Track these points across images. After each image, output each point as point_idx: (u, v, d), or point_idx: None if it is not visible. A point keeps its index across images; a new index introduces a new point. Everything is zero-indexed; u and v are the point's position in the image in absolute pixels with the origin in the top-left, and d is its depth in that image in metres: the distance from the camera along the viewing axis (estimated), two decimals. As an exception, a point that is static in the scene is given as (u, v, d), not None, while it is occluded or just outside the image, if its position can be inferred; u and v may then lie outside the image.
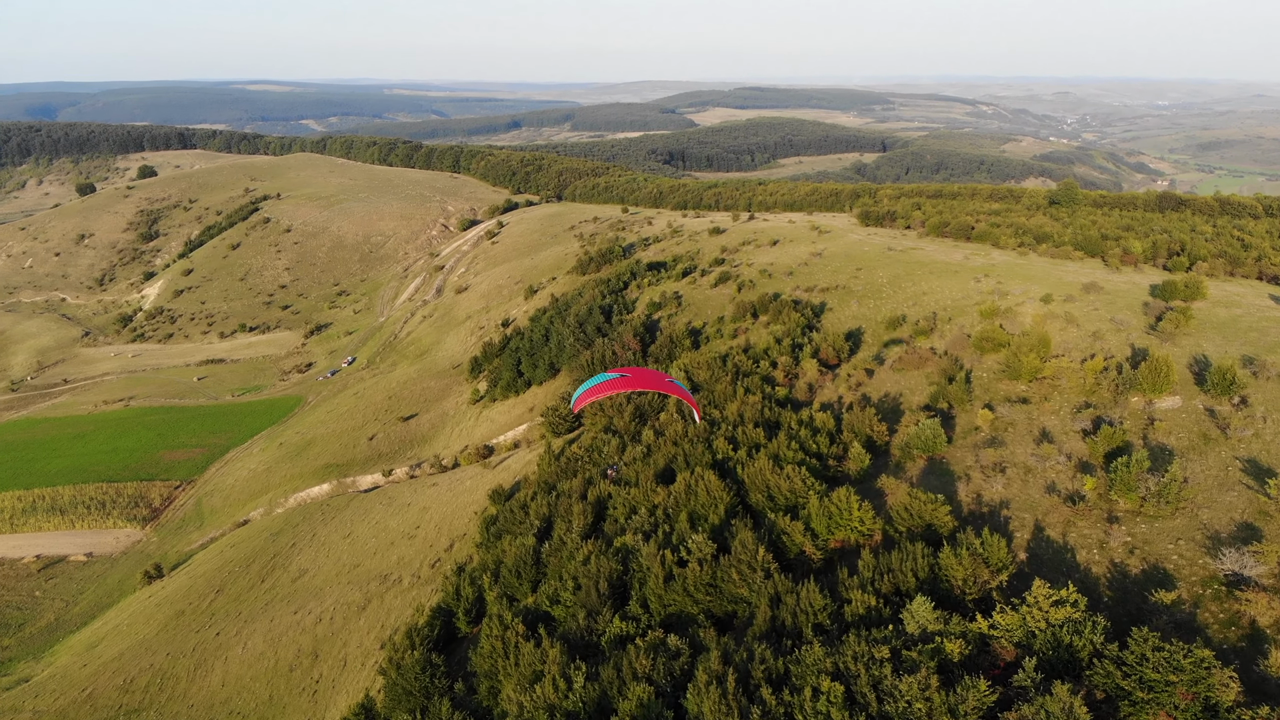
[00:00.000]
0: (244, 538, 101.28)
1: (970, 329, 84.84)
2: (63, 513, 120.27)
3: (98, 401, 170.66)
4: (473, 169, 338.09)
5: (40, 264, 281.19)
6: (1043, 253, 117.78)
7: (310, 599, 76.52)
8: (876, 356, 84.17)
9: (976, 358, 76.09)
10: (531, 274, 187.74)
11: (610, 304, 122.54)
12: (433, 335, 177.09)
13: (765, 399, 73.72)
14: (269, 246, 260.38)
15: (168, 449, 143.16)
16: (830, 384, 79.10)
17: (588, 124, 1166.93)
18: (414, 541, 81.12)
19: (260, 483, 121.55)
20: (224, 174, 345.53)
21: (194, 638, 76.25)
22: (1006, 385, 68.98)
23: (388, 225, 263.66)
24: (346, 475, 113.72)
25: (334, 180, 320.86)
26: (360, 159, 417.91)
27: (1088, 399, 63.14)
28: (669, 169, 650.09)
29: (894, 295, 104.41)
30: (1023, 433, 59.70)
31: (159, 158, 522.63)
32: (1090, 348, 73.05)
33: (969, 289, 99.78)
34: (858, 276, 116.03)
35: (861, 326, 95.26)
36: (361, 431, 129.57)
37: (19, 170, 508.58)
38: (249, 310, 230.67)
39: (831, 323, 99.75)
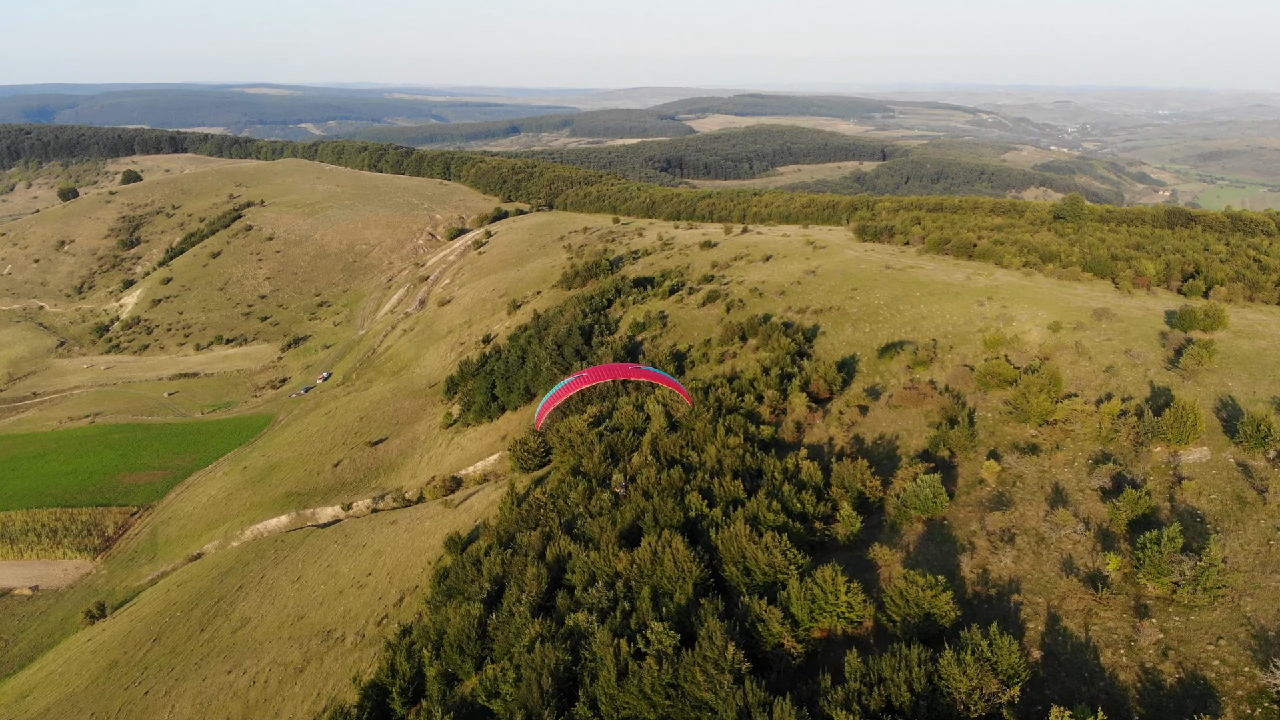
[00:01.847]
0: (193, 575, 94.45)
1: (974, 359, 78.43)
2: (12, 540, 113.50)
3: (63, 418, 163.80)
4: (464, 176, 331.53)
5: (19, 271, 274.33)
6: (1049, 273, 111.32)
7: (248, 655, 69.72)
8: (872, 390, 77.64)
9: (980, 395, 69.59)
10: (517, 287, 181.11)
11: (591, 324, 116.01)
12: (411, 351, 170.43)
13: (748, 441, 67.18)
14: (250, 255, 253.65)
15: (129, 470, 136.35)
16: (820, 422, 72.54)
17: (586, 130, 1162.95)
18: (363, 592, 74.36)
19: (219, 511, 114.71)
20: (208, 180, 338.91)
21: (122, 695, 69.47)
22: (1014, 429, 62.47)
23: (373, 234, 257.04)
24: (307, 506, 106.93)
25: (320, 187, 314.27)
26: (351, 165, 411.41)
27: (1105, 448, 56.63)
28: (666, 176, 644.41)
29: (891, 319, 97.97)
30: (1033, 489, 53.13)
31: (150, 161, 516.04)
32: (1105, 386, 66.59)
33: (972, 313, 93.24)
34: (853, 298, 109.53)
35: (856, 354, 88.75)
36: (328, 456, 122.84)
37: (8, 173, 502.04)
38: (227, 321, 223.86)
39: (825, 349, 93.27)
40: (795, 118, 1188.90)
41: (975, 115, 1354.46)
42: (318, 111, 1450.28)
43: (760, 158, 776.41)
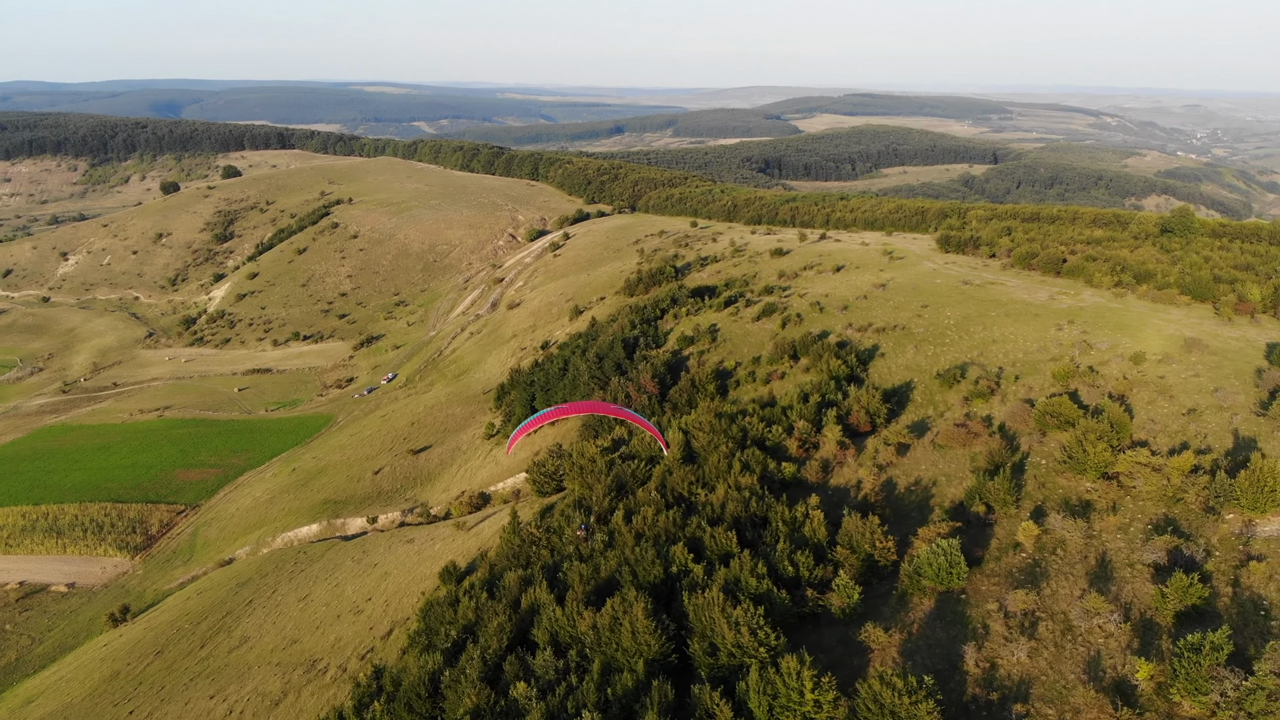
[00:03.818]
0: (213, 584, 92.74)
1: (1039, 393, 69.77)
2: (59, 534, 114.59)
3: (134, 410, 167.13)
4: (550, 177, 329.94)
5: (118, 261, 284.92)
6: (1142, 295, 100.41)
7: (233, 680, 66.56)
8: (919, 424, 69.82)
9: (1037, 437, 61.25)
10: (584, 292, 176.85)
11: (637, 336, 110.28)
12: (475, 354, 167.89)
13: (763, 479, 60.49)
14: (334, 252, 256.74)
15: (185, 467, 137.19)
16: (852, 460, 65.12)
17: (690, 130, 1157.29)
18: (358, 619, 70.45)
19: (258, 515, 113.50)
20: (302, 176, 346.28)
21: (110, 713, 67.30)
22: (1067, 481, 54.20)
23: (455, 234, 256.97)
24: (339, 515, 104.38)
25: (409, 186, 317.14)
26: (446, 164, 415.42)
27: (1168, 511, 48.13)
28: (763, 177, 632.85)
29: (958, 342, 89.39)
30: (1074, 560, 45.10)
31: (257, 156, 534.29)
32: (1182, 432, 57.56)
33: (1047, 338, 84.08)
34: (921, 316, 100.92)
35: (912, 380, 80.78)
36: (371, 463, 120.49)
37: (124, 165, 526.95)
38: (306, 318, 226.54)
39: (880, 372, 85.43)
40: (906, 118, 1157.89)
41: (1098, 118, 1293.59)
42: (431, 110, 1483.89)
43: (864, 159, 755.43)
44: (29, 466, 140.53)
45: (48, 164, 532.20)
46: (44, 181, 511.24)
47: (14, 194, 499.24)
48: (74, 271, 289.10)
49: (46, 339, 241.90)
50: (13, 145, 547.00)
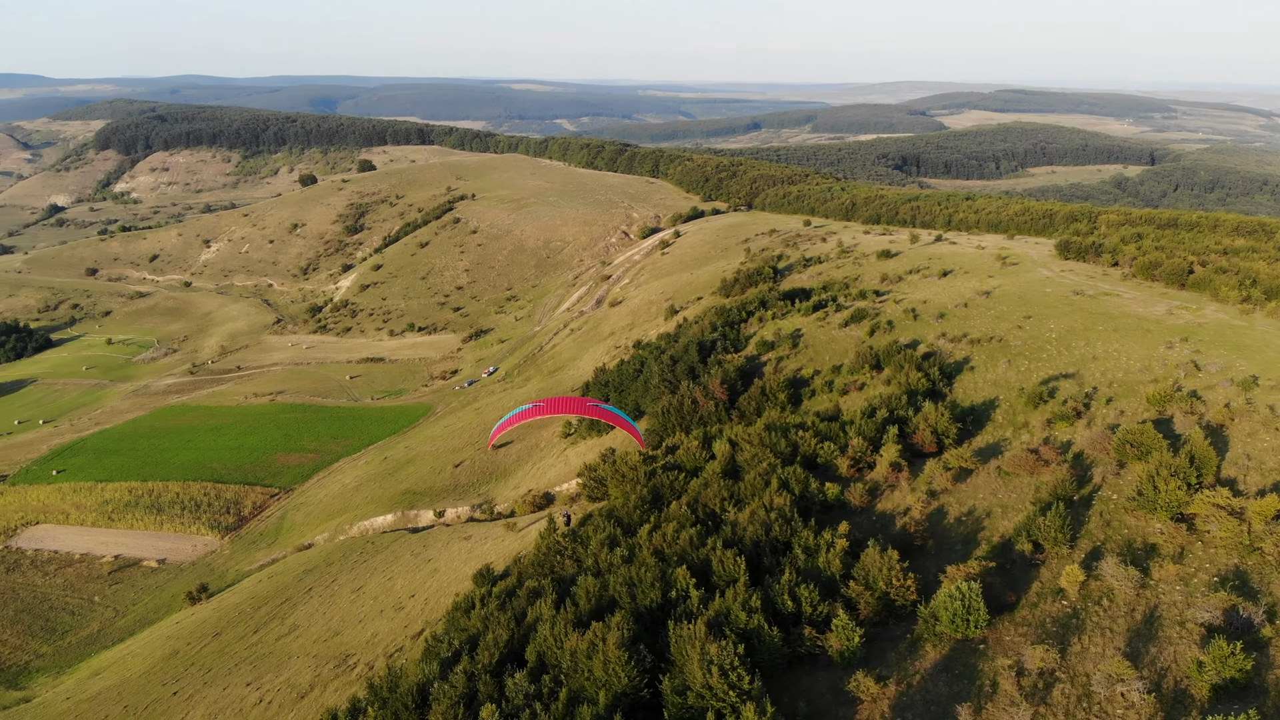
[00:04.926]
0: (285, 569, 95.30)
1: (1129, 418, 63.19)
2: (159, 511, 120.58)
3: (249, 393, 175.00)
4: (670, 174, 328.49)
5: (255, 250, 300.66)
6: (1271, 312, 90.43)
7: (272, 669, 67.62)
8: (991, 447, 64.43)
9: (1113, 468, 55.19)
10: (684, 291, 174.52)
11: (715, 340, 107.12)
12: (572, 351, 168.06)
13: (801, 501, 56.75)
14: (454, 247, 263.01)
15: (286, 451, 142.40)
16: (905, 484, 60.41)
17: (830, 126, 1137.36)
18: (399, 615, 70.50)
19: (342, 502, 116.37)
20: (432, 172, 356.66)
21: (157, 691, 69.51)
22: (1136, 521, 48.38)
23: (569, 230, 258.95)
24: (414, 507, 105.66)
25: (531, 182, 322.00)
26: (573, 161, 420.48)
27: (1241, 561, 42.08)
28: (898, 175, 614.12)
29: (1056, 358, 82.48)
30: (1119, 613, 39.83)
31: (398, 151, 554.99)
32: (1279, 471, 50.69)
33: (1153, 358, 76.42)
34: (1022, 327, 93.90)
35: (997, 398, 74.84)
36: (455, 455, 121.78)
37: (274, 158, 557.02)
38: (423, 310, 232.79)
39: (964, 388, 79.67)
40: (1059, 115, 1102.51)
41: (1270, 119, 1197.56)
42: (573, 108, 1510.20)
43: (1009, 157, 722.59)
44: (145, 444, 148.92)
45: (204, 155, 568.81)
46: (199, 171, 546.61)
47: (171, 183, 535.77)
48: (215, 258, 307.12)
49: (184, 322, 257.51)
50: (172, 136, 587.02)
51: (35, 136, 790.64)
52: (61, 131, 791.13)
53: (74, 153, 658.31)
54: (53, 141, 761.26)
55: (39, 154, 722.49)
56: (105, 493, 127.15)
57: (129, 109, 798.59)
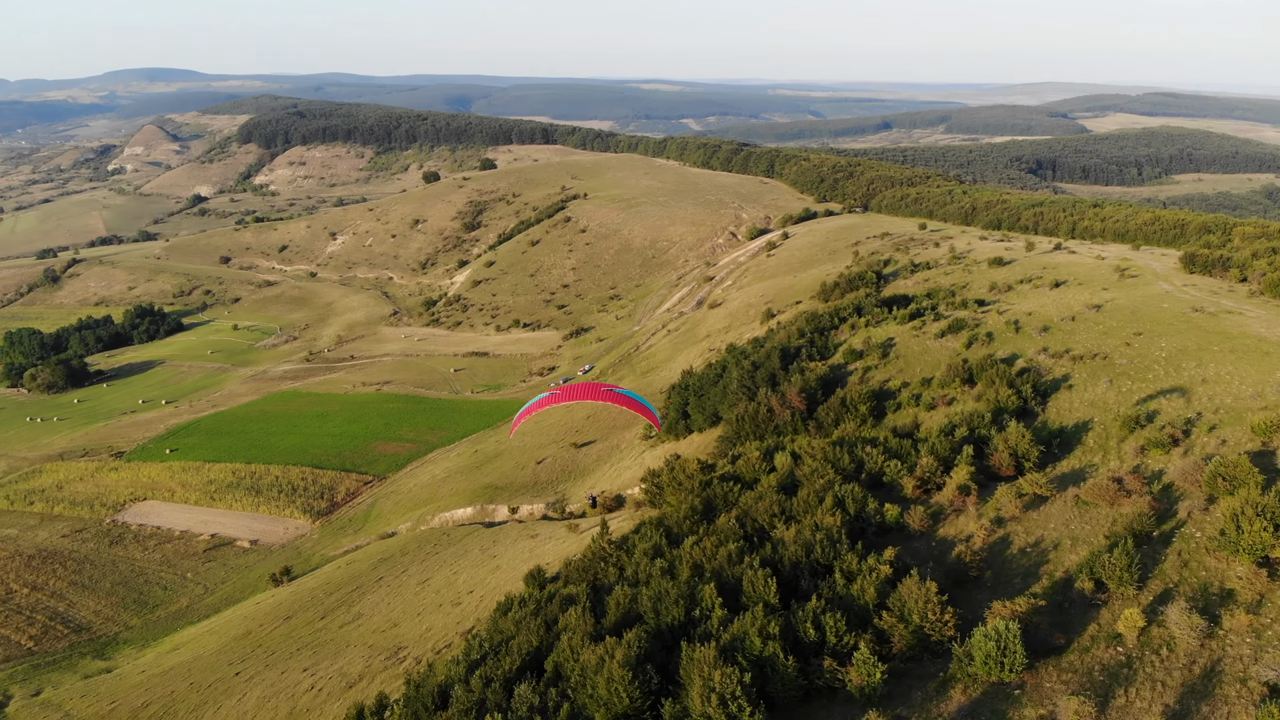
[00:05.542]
0: (364, 556, 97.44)
1: (1230, 449, 57.61)
2: (258, 493, 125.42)
3: (358, 382, 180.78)
4: (785, 174, 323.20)
5: (378, 244, 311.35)
6: None
7: (329, 656, 68.93)
8: (1075, 473, 59.89)
9: (1201, 503, 50.22)
10: (785, 295, 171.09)
11: (800, 347, 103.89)
12: (667, 352, 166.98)
13: (851, 522, 53.80)
14: (563, 245, 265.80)
15: (385, 440, 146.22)
16: (972, 509, 56.61)
17: (964, 126, 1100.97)
18: (455, 611, 70.86)
19: (429, 493, 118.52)
20: (549, 171, 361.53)
21: (222, 671, 71.83)
22: (1216, 563, 43.69)
23: (676, 231, 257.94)
24: (493, 501, 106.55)
25: (643, 182, 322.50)
26: (689, 160, 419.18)
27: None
28: (1032, 179, 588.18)
29: (1163, 379, 76.35)
30: (1173, 667, 35.85)
31: (522, 151, 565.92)
32: (1394, 520, 44.91)
33: (1269, 383, 69.70)
34: (1130, 345, 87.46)
35: (1091, 419, 69.67)
36: (539, 452, 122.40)
37: (404, 155, 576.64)
38: (529, 307, 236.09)
39: (1058, 408, 74.56)
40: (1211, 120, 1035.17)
41: None
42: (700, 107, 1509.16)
43: (1153, 163, 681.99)
44: (254, 427, 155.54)
45: (338, 150, 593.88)
46: (334, 166, 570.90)
47: (307, 176, 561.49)
48: (340, 251, 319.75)
49: (306, 311, 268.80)
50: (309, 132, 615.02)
51: (185, 129, 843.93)
52: (209, 125, 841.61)
53: (218, 146, 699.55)
54: (200, 134, 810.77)
55: (187, 146, 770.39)
56: (210, 473, 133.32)
57: (273, 105, 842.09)
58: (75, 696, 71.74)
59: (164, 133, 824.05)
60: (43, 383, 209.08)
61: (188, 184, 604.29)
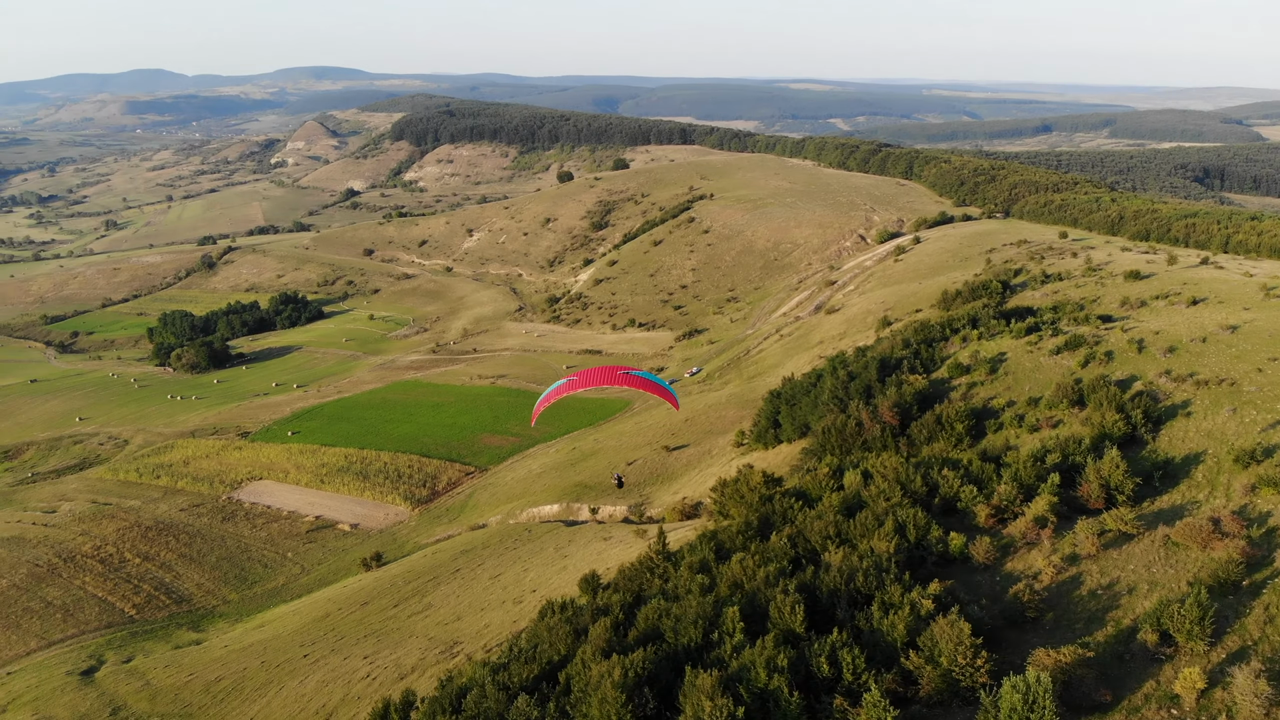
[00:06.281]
0: (450, 546, 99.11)
1: (1362, 493, 51.28)
2: (365, 479, 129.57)
3: (475, 374, 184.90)
4: (923, 176, 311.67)
5: (511, 242, 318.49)
6: None
7: (390, 645, 70.01)
8: (1171, 510, 54.78)
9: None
10: (906, 302, 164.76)
11: (901, 358, 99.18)
12: (776, 357, 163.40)
13: (909, 549, 50.59)
14: (684, 246, 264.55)
15: (491, 432, 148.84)
16: (1046, 543, 52.20)
17: (1129, 131, 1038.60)
18: (514, 609, 70.80)
19: (522, 487, 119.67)
20: (678, 171, 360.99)
21: (294, 651, 74.07)
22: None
23: (801, 233, 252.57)
24: (579, 500, 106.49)
25: (772, 183, 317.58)
26: (826, 161, 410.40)
27: None
28: (1197, 188, 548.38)
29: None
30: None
31: (659, 151, 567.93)
32: None
33: None
34: (1263, 371, 79.64)
35: (1204, 451, 63.51)
36: (632, 453, 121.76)
37: (546, 154, 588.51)
38: (646, 306, 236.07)
39: (1170, 437, 68.36)
40: None
41: None
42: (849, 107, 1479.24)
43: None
44: (373, 414, 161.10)
45: (484, 149, 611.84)
46: (479, 165, 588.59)
47: (454, 174, 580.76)
48: (475, 247, 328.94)
49: (439, 304, 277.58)
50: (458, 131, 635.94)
51: (344, 125, 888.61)
52: (367, 122, 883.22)
53: (372, 142, 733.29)
54: (358, 131, 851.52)
55: (345, 141, 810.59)
56: (324, 456, 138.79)
57: (427, 104, 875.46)
58: (160, 666, 75.47)
59: (324, 129, 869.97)
60: (187, 363, 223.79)
61: (342, 178, 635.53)
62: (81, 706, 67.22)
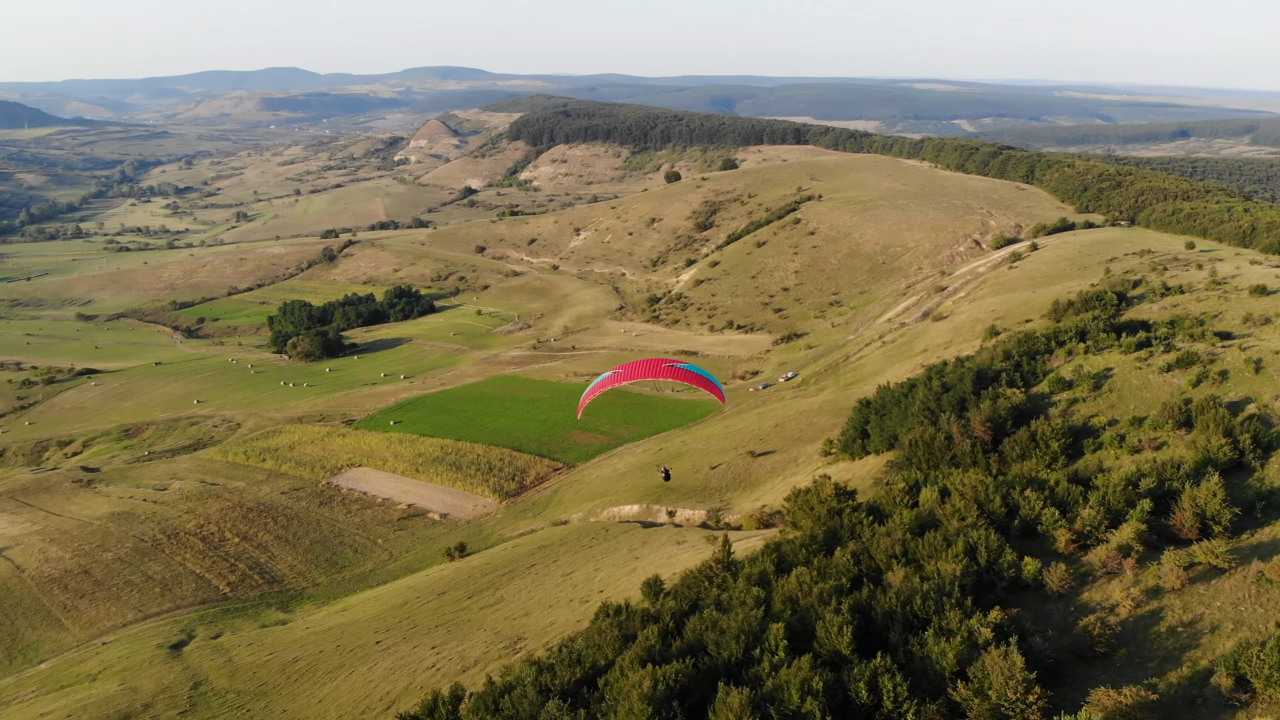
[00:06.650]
0: (530, 541, 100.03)
1: None
2: (458, 470, 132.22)
3: (571, 372, 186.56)
4: (1045, 180, 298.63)
5: (616, 241, 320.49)
6: None
7: (458, 637, 70.99)
8: (1269, 545, 50.52)
9: None
10: (1016, 311, 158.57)
11: (1000, 370, 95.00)
12: (877, 365, 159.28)
13: (976, 574, 48.13)
14: (789, 247, 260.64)
15: (581, 430, 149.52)
16: (1128, 574, 48.88)
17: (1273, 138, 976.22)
18: (580, 609, 70.83)
19: (606, 486, 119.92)
20: (787, 171, 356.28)
21: (368, 637, 75.92)
22: None
23: (912, 236, 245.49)
24: (659, 502, 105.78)
25: (884, 184, 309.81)
26: (945, 162, 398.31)
27: None
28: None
29: None
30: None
31: (771, 151, 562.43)
32: None
33: None
34: (1399, 397, 73.43)
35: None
36: (717, 457, 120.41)
37: (658, 154, 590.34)
38: (745, 308, 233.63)
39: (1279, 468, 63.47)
40: None
41: None
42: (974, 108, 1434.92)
43: None
44: (471, 407, 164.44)
45: (597, 149, 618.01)
46: (592, 165, 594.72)
47: (567, 174, 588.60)
48: (581, 246, 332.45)
49: (543, 301, 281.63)
50: (572, 131, 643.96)
51: (465, 125, 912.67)
52: (487, 121, 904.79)
53: (490, 142, 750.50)
54: (478, 130, 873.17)
55: (465, 140, 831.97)
56: (421, 446, 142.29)
57: (545, 104, 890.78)
58: (244, 644, 78.49)
59: (446, 128, 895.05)
60: (301, 351, 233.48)
61: (461, 176, 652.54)
62: (165, 679, 70.44)
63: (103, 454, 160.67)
